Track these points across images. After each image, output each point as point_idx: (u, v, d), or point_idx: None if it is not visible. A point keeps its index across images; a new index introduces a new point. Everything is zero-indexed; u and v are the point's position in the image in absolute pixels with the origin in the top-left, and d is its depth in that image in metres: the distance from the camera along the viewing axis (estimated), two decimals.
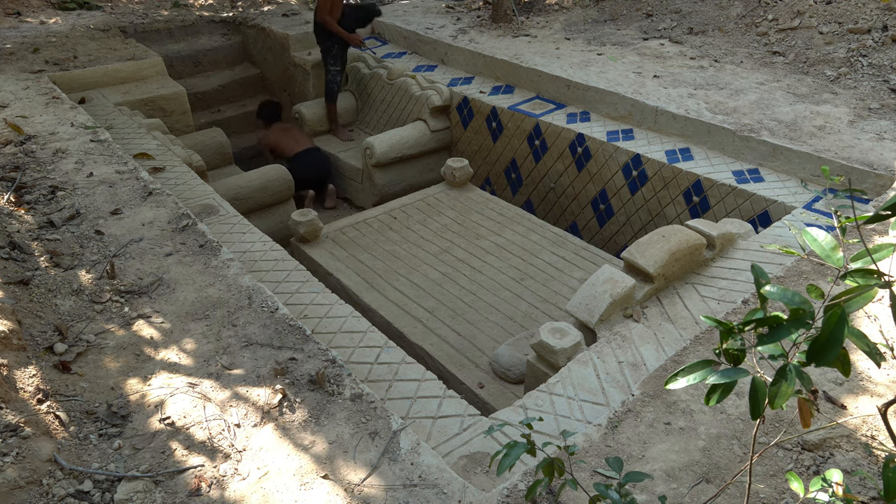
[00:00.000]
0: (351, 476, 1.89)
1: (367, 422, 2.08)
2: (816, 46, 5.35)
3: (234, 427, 2.04)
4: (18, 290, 2.54)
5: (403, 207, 4.74)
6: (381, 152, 5.42)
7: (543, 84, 5.40)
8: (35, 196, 3.30)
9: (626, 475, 1.39)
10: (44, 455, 1.81)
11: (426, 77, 5.92)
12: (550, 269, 4.03)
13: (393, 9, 7.36)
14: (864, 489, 1.84)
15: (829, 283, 2.74)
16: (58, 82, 5.05)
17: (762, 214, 3.96)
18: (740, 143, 4.30)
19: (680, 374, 1.17)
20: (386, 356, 2.79)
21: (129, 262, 2.84)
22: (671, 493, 1.86)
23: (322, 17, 5.74)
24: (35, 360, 2.23)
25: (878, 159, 3.86)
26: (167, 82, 5.66)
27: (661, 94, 4.85)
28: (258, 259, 3.35)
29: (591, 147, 4.80)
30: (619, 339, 2.84)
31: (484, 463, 2.27)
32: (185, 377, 2.23)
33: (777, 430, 2.06)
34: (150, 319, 2.50)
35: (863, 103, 4.56)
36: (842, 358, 1.03)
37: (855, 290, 1.01)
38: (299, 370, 2.27)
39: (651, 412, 2.16)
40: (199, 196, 3.87)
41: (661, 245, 3.06)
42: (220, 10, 7.51)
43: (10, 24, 6.16)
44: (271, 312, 2.55)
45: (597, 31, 6.35)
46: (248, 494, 1.83)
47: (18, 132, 3.96)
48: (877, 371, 2.32)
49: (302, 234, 4.16)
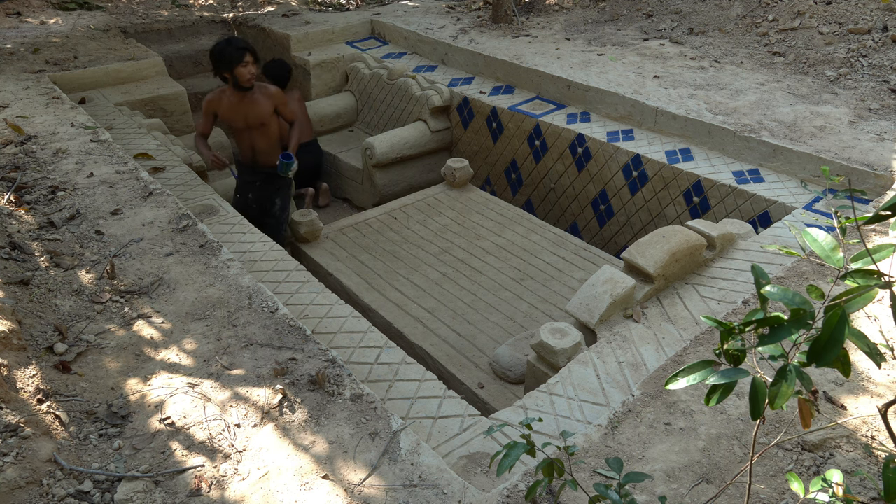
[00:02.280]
0: (351, 476, 1.89)
1: (367, 422, 2.08)
2: (816, 47, 5.35)
3: (234, 427, 2.04)
4: (18, 290, 2.54)
5: (403, 208, 4.74)
6: (381, 152, 5.42)
7: (544, 84, 5.40)
8: (35, 196, 3.30)
9: (626, 475, 1.39)
10: (44, 455, 1.81)
11: (426, 77, 5.92)
12: (550, 270, 4.03)
13: (393, 9, 7.36)
14: (864, 489, 1.84)
15: (830, 283, 2.74)
16: (58, 82, 5.05)
17: (762, 215, 3.96)
18: (740, 144, 4.30)
19: (680, 375, 1.17)
20: (386, 356, 2.79)
21: (129, 262, 2.84)
22: (671, 493, 1.86)
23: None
24: (35, 360, 2.23)
25: (878, 159, 3.86)
26: (167, 82, 5.66)
27: (661, 94, 4.85)
28: (258, 259, 3.35)
29: (591, 147, 4.80)
30: (619, 339, 2.84)
31: (484, 463, 2.27)
32: (186, 377, 2.23)
33: (777, 431, 2.06)
34: (150, 319, 2.50)
35: (863, 104, 4.56)
36: (842, 358, 1.03)
37: (855, 291, 1.01)
38: (299, 370, 2.27)
39: (651, 412, 2.16)
40: (199, 196, 3.87)
41: (662, 245, 3.06)
42: (220, 10, 7.51)
43: (10, 25, 6.16)
44: (271, 313, 2.55)
45: (597, 32, 6.36)
46: (248, 495, 1.82)
47: (19, 132, 3.96)
48: (877, 371, 2.32)
49: (302, 235, 4.16)
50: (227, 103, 4.03)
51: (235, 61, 3.84)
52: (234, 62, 3.84)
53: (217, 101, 4.04)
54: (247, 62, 3.88)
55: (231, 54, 3.84)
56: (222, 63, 3.87)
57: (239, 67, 3.86)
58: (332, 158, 6.04)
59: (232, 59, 3.84)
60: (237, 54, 3.84)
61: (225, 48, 3.85)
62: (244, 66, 3.87)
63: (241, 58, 3.85)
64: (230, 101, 4.02)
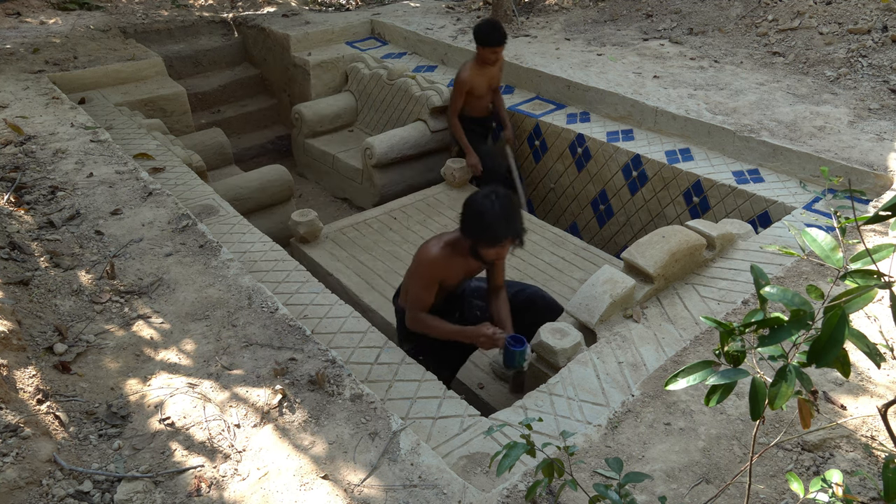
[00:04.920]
0: (351, 476, 1.89)
1: (366, 422, 2.08)
2: (816, 47, 5.35)
3: (234, 427, 2.04)
4: (18, 290, 2.54)
5: (403, 208, 4.74)
6: (381, 153, 5.42)
7: (543, 84, 5.40)
8: (35, 196, 3.30)
9: (625, 475, 1.39)
10: (44, 455, 1.81)
11: (426, 77, 5.92)
12: (550, 270, 4.03)
13: (393, 9, 7.36)
14: (864, 489, 1.84)
15: (829, 283, 2.74)
16: (58, 83, 5.05)
17: (762, 215, 3.96)
18: (740, 144, 4.30)
19: (680, 375, 1.17)
20: (386, 356, 2.78)
21: (129, 262, 2.84)
22: (671, 493, 1.86)
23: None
24: (35, 360, 2.23)
25: (877, 159, 3.86)
26: (167, 82, 5.65)
27: (661, 94, 4.85)
28: (258, 259, 3.35)
29: (591, 147, 4.80)
30: (619, 339, 2.84)
31: (484, 463, 2.27)
32: (185, 377, 2.23)
33: (777, 431, 2.06)
34: (149, 320, 2.50)
35: (863, 104, 4.56)
36: (842, 358, 1.03)
37: (855, 291, 1.01)
38: (299, 370, 2.27)
39: (651, 413, 2.16)
40: (199, 196, 3.87)
41: (661, 245, 3.06)
42: (220, 10, 7.51)
43: (10, 25, 6.16)
44: (271, 313, 2.54)
45: (597, 32, 6.36)
46: (247, 495, 1.82)
47: (18, 132, 3.96)
48: (877, 371, 2.32)
49: (302, 235, 4.16)
50: (477, 75, 4.81)
51: (495, 44, 4.59)
52: (494, 45, 4.60)
53: (471, 76, 4.80)
54: (497, 50, 4.65)
55: (498, 41, 4.59)
56: (481, 41, 4.61)
57: (496, 51, 4.65)
58: (331, 159, 6.04)
59: (490, 43, 4.58)
60: (498, 43, 4.61)
61: (491, 33, 4.57)
62: (493, 53, 4.65)
63: (499, 44, 4.61)
64: (478, 73, 4.80)
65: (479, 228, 2.64)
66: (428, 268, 2.78)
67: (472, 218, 2.66)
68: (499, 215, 2.61)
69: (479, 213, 2.63)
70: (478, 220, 2.64)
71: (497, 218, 2.61)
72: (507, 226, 2.64)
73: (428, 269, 2.79)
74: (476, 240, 2.68)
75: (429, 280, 2.80)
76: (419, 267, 2.81)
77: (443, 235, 2.86)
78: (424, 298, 2.82)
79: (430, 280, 2.81)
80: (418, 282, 2.80)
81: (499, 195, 2.64)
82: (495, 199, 2.62)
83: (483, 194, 2.67)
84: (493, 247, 2.68)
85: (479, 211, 2.63)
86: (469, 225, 2.68)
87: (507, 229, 2.65)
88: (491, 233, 2.64)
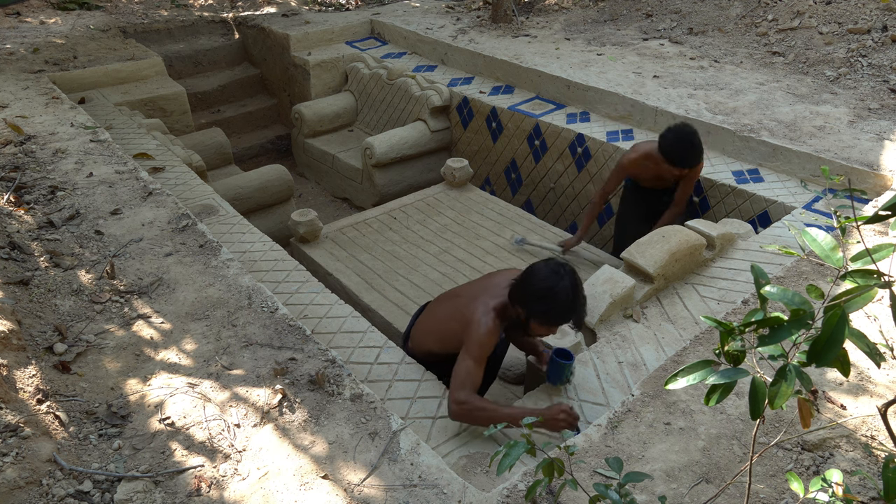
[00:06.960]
0: (351, 476, 1.89)
1: (366, 422, 2.08)
2: (816, 47, 5.35)
3: (234, 427, 2.04)
4: (18, 290, 2.54)
5: (403, 207, 4.74)
6: (380, 152, 5.42)
7: (543, 84, 5.40)
8: (35, 196, 3.30)
9: (625, 475, 1.39)
10: (44, 455, 1.81)
11: (426, 77, 5.92)
12: None
13: (392, 9, 7.36)
14: (864, 489, 1.84)
15: (829, 283, 2.74)
16: (58, 82, 5.05)
17: (762, 215, 3.96)
18: (740, 144, 4.30)
19: (680, 375, 1.17)
20: (386, 356, 2.78)
21: (128, 262, 2.84)
22: (671, 493, 1.86)
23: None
24: (35, 360, 2.23)
25: (877, 159, 3.86)
26: (167, 82, 5.65)
27: (660, 94, 4.85)
28: (258, 259, 3.35)
29: (590, 147, 4.80)
30: (619, 339, 2.84)
31: (484, 463, 2.27)
32: (185, 377, 2.23)
33: (777, 431, 2.06)
34: (149, 319, 2.50)
35: (862, 103, 4.56)
36: (842, 358, 1.03)
37: (855, 291, 1.01)
38: (299, 370, 2.27)
39: (651, 412, 2.16)
40: (198, 196, 3.87)
41: (661, 245, 3.06)
42: (219, 10, 7.51)
43: (9, 25, 6.16)
44: (271, 312, 2.54)
45: (597, 32, 6.36)
46: (247, 495, 1.82)
47: (18, 132, 3.96)
48: (877, 371, 2.32)
49: (302, 235, 4.16)
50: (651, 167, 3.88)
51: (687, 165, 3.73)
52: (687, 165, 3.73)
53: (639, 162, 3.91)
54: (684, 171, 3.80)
55: (691, 163, 3.71)
56: (673, 159, 3.69)
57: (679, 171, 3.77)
58: (331, 158, 6.04)
59: (684, 163, 3.70)
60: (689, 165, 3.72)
61: (690, 150, 3.66)
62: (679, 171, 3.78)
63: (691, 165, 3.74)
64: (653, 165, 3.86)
65: (544, 306, 2.35)
66: (488, 341, 2.43)
67: (537, 293, 2.35)
68: (569, 295, 2.34)
69: (549, 289, 2.33)
70: (543, 297, 2.34)
71: (567, 297, 2.33)
72: (576, 310, 2.38)
73: (488, 342, 2.43)
74: (534, 315, 2.38)
75: (485, 355, 2.45)
76: (474, 343, 2.42)
77: (487, 300, 2.51)
78: (476, 375, 2.42)
79: (486, 355, 2.46)
80: (473, 359, 2.41)
81: (567, 271, 2.37)
82: (564, 275, 2.35)
83: (551, 269, 2.38)
84: (552, 326, 2.43)
85: (549, 287, 2.33)
86: (529, 298, 2.37)
87: (575, 313, 2.39)
88: (557, 314, 2.36)
